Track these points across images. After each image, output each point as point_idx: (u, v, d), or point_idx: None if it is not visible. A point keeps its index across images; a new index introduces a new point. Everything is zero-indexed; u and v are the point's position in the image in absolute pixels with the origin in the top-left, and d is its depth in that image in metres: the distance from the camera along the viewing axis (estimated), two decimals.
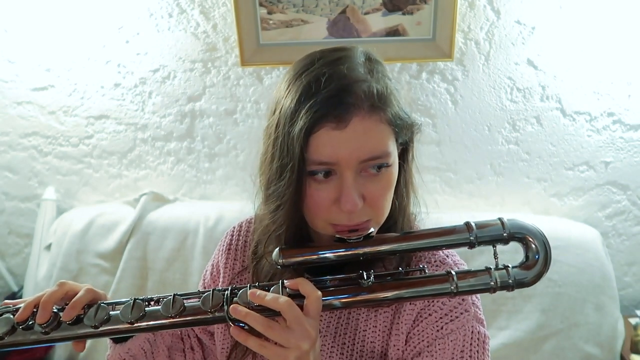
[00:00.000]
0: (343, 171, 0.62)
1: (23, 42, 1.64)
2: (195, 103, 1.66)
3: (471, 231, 0.63)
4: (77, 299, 0.64)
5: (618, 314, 1.44)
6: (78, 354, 1.62)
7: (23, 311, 0.63)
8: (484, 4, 1.43)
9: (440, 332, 0.70)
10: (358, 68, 0.64)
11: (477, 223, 0.64)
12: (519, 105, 1.53)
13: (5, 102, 1.73)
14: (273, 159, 0.66)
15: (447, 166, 1.63)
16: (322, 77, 0.62)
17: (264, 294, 0.61)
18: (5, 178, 1.85)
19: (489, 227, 0.63)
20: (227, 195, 1.78)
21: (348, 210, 0.62)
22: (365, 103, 0.61)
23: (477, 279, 0.63)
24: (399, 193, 0.72)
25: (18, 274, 1.94)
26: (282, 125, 0.64)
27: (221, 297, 0.63)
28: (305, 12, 1.48)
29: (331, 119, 0.60)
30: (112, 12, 1.56)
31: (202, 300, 0.63)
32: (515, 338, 1.42)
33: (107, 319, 0.63)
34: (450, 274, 0.64)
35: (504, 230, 0.63)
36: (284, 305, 0.59)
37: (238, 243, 0.86)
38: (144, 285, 1.60)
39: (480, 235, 0.63)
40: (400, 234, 0.67)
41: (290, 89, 0.65)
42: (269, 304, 0.60)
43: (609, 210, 1.61)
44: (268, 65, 1.57)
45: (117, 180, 1.81)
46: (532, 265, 0.63)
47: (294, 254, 0.64)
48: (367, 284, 0.64)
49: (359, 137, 0.61)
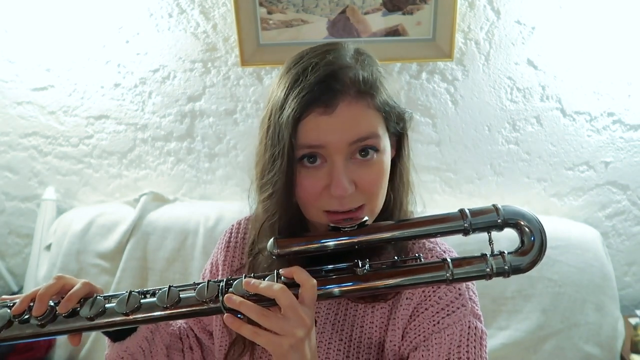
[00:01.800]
0: (332, 156, 0.63)
1: (23, 42, 1.64)
2: (195, 103, 1.66)
3: (465, 218, 0.63)
4: (73, 292, 0.65)
5: (618, 314, 1.44)
6: (78, 354, 1.62)
7: (20, 304, 0.64)
8: (484, 4, 1.44)
9: (436, 326, 0.70)
10: (345, 57, 0.65)
11: (472, 210, 0.64)
12: (519, 105, 1.53)
13: (5, 102, 1.73)
14: (266, 149, 0.68)
15: (447, 166, 1.63)
16: (309, 67, 0.63)
17: (259, 282, 0.61)
18: (5, 178, 1.85)
19: (483, 215, 0.63)
20: (227, 195, 1.78)
21: (338, 195, 0.63)
22: (351, 89, 0.62)
23: (472, 266, 0.63)
24: (395, 186, 0.73)
25: (18, 274, 1.94)
26: (272, 114, 0.66)
27: (216, 288, 0.63)
28: (305, 12, 1.48)
29: (319, 104, 0.61)
30: (112, 12, 1.56)
31: (197, 291, 0.63)
32: (515, 338, 1.42)
33: (102, 312, 0.63)
34: (445, 262, 0.63)
35: (499, 216, 0.63)
36: (278, 292, 0.59)
37: (237, 240, 0.86)
38: (144, 285, 1.60)
39: (474, 222, 0.63)
40: (395, 222, 0.67)
41: (280, 81, 0.67)
42: (263, 291, 0.60)
43: (609, 210, 1.61)
44: (268, 65, 1.57)
45: (117, 180, 1.81)
46: (528, 251, 0.63)
47: (289, 244, 0.64)
48: (362, 272, 0.63)
49: (346, 121, 0.62)
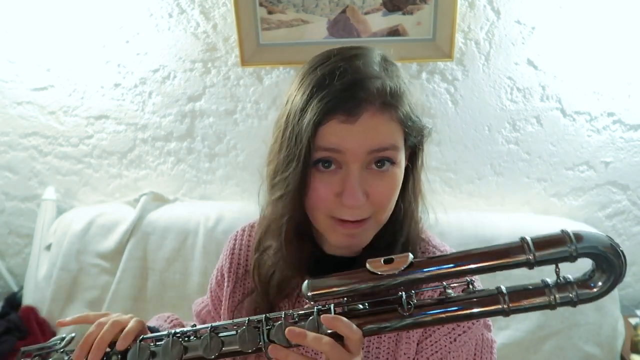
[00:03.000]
0: (349, 163, 0.62)
1: (23, 42, 1.64)
2: (195, 103, 1.66)
3: (529, 251, 0.53)
4: (129, 330, 0.65)
5: (618, 314, 1.44)
6: None
7: (79, 352, 0.64)
8: (484, 4, 1.43)
9: (453, 344, 0.70)
10: (373, 65, 0.64)
11: (535, 240, 0.53)
12: (519, 105, 1.53)
13: (5, 102, 1.73)
14: (281, 149, 0.66)
15: (447, 166, 1.63)
16: (337, 71, 0.62)
17: (304, 334, 0.58)
18: (5, 178, 1.85)
19: (552, 246, 0.53)
20: (227, 195, 1.78)
21: (350, 204, 0.62)
22: (377, 99, 0.61)
23: (532, 299, 0.55)
24: (406, 198, 0.71)
25: (18, 274, 1.94)
26: (292, 115, 0.64)
27: (257, 335, 0.61)
28: (305, 12, 1.48)
29: (342, 112, 0.60)
30: (112, 12, 1.56)
31: (239, 338, 0.62)
32: (515, 338, 1.42)
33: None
34: (501, 293, 0.56)
35: (571, 248, 0.52)
36: (326, 347, 0.57)
37: (240, 247, 0.86)
38: (144, 285, 1.60)
39: (539, 255, 0.53)
40: (443, 255, 0.59)
41: (303, 81, 0.65)
42: (312, 345, 0.57)
43: (609, 210, 1.61)
44: (268, 65, 1.57)
45: (117, 180, 1.81)
46: (600, 284, 0.54)
47: (324, 287, 0.60)
48: (407, 311, 0.58)
49: (368, 131, 0.61)
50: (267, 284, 0.76)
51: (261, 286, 0.77)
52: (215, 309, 0.90)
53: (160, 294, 1.59)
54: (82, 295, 1.63)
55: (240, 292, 0.83)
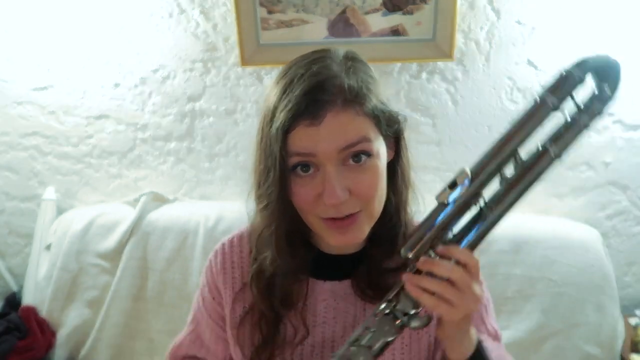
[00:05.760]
0: (324, 164, 0.63)
1: (23, 42, 1.64)
2: (195, 103, 1.66)
3: (549, 99, 0.59)
4: None
5: (618, 314, 1.44)
6: (78, 354, 1.62)
7: None
8: (484, 4, 1.43)
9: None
10: (332, 66, 0.65)
11: (548, 88, 0.60)
12: (519, 106, 1.53)
13: (5, 102, 1.73)
14: (260, 161, 0.69)
15: (447, 166, 1.63)
16: (296, 78, 0.64)
17: (432, 261, 0.62)
18: (5, 178, 1.85)
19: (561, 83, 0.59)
20: (227, 195, 1.78)
21: (331, 203, 0.63)
22: (338, 98, 0.63)
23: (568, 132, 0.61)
24: (397, 188, 0.73)
25: (18, 274, 1.94)
26: (264, 125, 0.67)
27: (390, 319, 0.65)
28: (305, 12, 1.48)
29: (306, 116, 0.62)
30: (112, 12, 1.56)
31: (378, 332, 0.65)
32: (515, 338, 1.42)
33: None
34: (544, 148, 0.62)
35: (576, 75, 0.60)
36: (457, 274, 0.60)
37: (233, 260, 0.83)
38: (144, 285, 1.60)
39: (559, 96, 0.59)
40: (489, 151, 0.64)
41: (271, 92, 0.67)
42: (439, 270, 0.61)
43: (609, 210, 1.61)
44: (268, 65, 1.57)
45: (117, 180, 1.81)
46: (606, 91, 0.63)
47: (416, 242, 0.63)
48: (486, 211, 0.65)
49: (334, 130, 0.62)
50: (269, 294, 0.76)
51: (263, 297, 0.76)
52: (218, 325, 0.87)
53: (160, 293, 1.59)
54: (82, 295, 1.63)
55: (240, 306, 0.81)
